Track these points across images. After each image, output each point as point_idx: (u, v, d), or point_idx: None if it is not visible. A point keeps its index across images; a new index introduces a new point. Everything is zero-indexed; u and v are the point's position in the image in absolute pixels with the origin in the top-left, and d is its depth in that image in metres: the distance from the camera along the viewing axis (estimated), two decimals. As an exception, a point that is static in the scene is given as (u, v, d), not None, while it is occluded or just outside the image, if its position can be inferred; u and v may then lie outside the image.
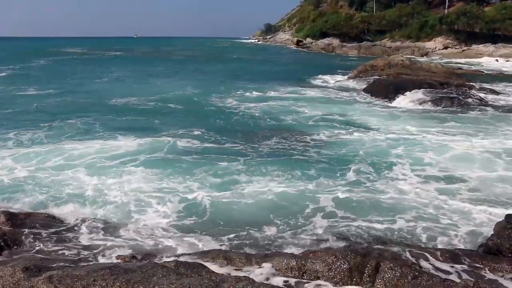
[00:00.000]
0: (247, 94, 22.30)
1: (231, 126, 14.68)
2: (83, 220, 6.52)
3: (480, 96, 18.45)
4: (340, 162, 10.13)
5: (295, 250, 5.42)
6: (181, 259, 4.74)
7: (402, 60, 26.12)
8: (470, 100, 17.51)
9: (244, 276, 4.05)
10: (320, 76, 30.28)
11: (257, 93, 22.66)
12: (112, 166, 9.71)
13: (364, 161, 10.22)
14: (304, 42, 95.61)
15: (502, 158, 10.22)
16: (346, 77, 27.74)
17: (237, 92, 22.89)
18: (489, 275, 4.25)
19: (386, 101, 18.39)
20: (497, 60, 46.38)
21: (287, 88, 24.42)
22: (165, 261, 4.64)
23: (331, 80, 28.34)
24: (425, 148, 11.26)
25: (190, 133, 13.32)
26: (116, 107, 18.50)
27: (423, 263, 4.37)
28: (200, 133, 13.31)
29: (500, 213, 6.70)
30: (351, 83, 24.69)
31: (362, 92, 20.70)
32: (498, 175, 9.09)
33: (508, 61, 45.29)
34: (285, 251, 5.40)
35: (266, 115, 16.46)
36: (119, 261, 4.88)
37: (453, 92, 18.08)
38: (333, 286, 4.17)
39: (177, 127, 14.13)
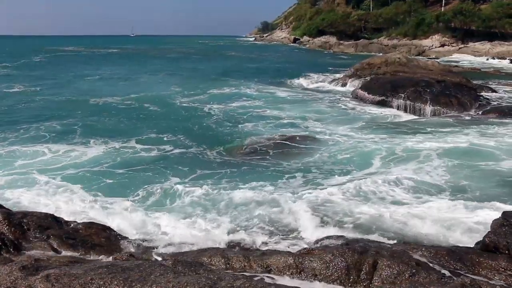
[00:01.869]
0: (228, 94, 22.64)
1: (199, 130, 14.95)
2: (81, 220, 6.53)
3: (477, 95, 18.46)
4: (288, 170, 10.12)
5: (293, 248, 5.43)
6: (179, 257, 4.74)
7: (399, 58, 26.13)
8: (468, 99, 17.48)
9: (242, 274, 4.06)
10: (315, 74, 30.45)
11: (237, 92, 23.10)
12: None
13: (313, 169, 10.22)
14: (301, 40, 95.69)
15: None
16: (342, 75, 27.78)
17: (219, 92, 23.29)
18: (486, 272, 4.27)
19: (383, 98, 18.40)
20: (493, 58, 46.55)
21: (275, 87, 24.88)
22: (163, 260, 4.64)
23: (324, 77, 28.49)
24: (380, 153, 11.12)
25: (154, 138, 13.58)
26: (95, 107, 19.01)
27: (421, 261, 4.38)
28: (162, 137, 13.54)
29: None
30: (348, 81, 24.72)
31: (359, 90, 20.71)
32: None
33: (504, 58, 45.37)
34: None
35: (238, 118, 16.59)
36: (117, 260, 4.87)
37: (451, 92, 18.03)
38: (331, 284, 4.18)
39: (146, 130, 14.48)
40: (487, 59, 46.71)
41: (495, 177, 9.15)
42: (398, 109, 17.80)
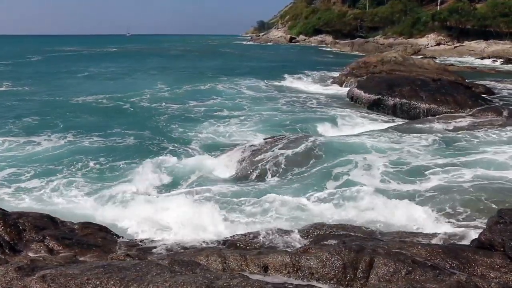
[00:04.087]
0: (204, 92, 23.25)
1: (161, 127, 15.59)
2: (78, 221, 6.51)
3: (473, 93, 18.51)
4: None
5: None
6: (176, 257, 4.73)
7: (395, 57, 26.20)
8: (464, 98, 17.49)
9: (239, 273, 4.06)
10: (310, 73, 30.50)
11: (214, 91, 23.62)
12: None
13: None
14: (297, 39, 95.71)
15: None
16: (338, 74, 27.83)
17: (194, 89, 24.17)
18: (482, 270, 4.29)
19: (379, 97, 18.36)
20: (489, 58, 46.78)
21: (260, 86, 25.01)
22: (160, 259, 4.63)
23: (315, 76, 28.54)
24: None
25: (115, 133, 14.25)
26: (74, 106, 19.65)
27: (417, 258, 4.39)
28: (124, 134, 14.13)
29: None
30: (344, 80, 24.77)
31: (355, 89, 20.71)
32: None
33: (498, 57, 45.50)
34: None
35: (207, 118, 17.02)
36: (113, 260, 4.86)
37: (447, 90, 18.05)
38: (328, 282, 4.19)
39: (109, 127, 15.12)
40: (482, 58, 46.97)
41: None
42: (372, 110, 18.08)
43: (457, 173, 9.06)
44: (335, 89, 23.91)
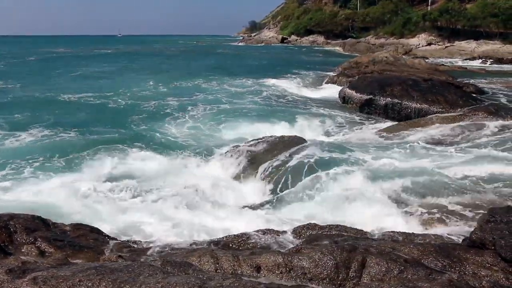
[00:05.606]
0: (189, 92, 23.25)
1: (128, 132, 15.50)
2: (71, 223, 6.46)
3: (464, 93, 18.63)
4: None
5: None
6: (168, 258, 4.72)
7: (386, 57, 26.33)
8: (455, 97, 17.59)
9: (231, 274, 4.06)
10: (300, 72, 30.60)
11: (199, 88, 24.11)
12: None
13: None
14: (288, 39, 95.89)
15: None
16: (329, 74, 27.92)
17: (181, 88, 24.65)
18: (473, 268, 4.32)
19: (370, 97, 18.38)
20: (479, 58, 47.16)
21: (247, 85, 25.16)
22: (152, 260, 4.61)
23: (303, 77, 28.58)
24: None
25: (97, 131, 14.42)
26: (59, 103, 19.83)
27: (409, 258, 4.42)
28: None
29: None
30: (336, 80, 24.84)
31: (347, 89, 20.75)
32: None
33: (487, 60, 45.83)
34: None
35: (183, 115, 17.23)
36: (105, 261, 4.84)
37: (438, 90, 18.15)
38: (320, 282, 4.20)
39: (91, 124, 15.31)
40: (472, 58, 47.39)
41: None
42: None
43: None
44: (326, 89, 23.91)
